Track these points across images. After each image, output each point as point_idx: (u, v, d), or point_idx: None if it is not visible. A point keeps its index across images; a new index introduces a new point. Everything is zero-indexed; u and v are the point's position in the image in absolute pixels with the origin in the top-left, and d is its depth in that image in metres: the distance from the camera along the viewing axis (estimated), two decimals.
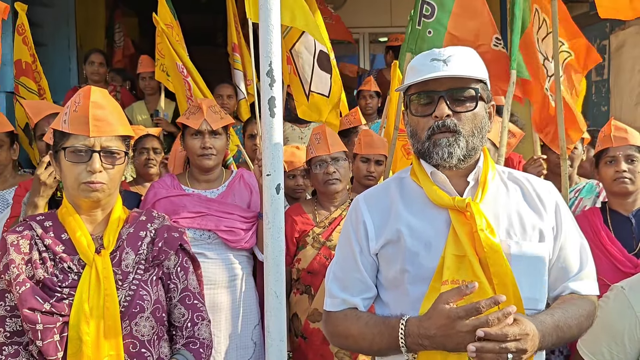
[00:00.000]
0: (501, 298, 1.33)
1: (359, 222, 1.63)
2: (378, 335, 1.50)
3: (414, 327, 1.42)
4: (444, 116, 1.51)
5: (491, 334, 1.30)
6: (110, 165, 1.71)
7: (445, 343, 1.37)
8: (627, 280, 1.95)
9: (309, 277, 2.69)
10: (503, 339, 1.31)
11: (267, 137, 1.89)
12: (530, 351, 1.35)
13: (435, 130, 1.53)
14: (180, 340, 1.81)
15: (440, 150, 1.53)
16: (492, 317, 1.31)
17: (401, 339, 1.44)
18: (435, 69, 1.53)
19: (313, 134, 2.88)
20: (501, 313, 1.32)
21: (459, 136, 1.52)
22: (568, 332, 1.47)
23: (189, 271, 1.86)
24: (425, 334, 1.39)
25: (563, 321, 1.46)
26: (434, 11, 2.85)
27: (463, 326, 1.33)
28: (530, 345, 1.34)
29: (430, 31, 2.86)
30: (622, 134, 2.61)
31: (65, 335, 1.62)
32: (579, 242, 1.60)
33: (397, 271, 1.54)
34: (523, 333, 1.33)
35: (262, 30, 1.87)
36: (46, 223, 1.76)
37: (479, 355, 1.31)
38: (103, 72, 5.10)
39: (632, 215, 2.57)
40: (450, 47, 1.59)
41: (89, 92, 1.72)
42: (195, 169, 2.75)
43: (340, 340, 1.64)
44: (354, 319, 1.58)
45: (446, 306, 1.36)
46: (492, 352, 1.31)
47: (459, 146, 1.52)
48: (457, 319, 1.34)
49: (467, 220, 1.51)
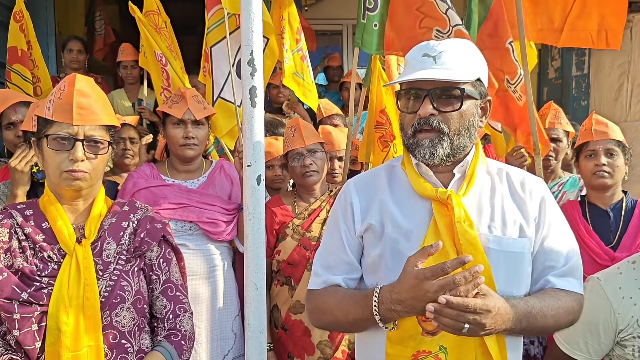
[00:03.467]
0: (467, 258, 1.35)
1: (347, 204, 1.66)
2: (353, 305, 1.53)
3: (386, 293, 1.45)
4: (427, 115, 1.52)
5: (452, 302, 1.32)
6: (93, 155, 1.69)
7: (415, 305, 1.39)
8: (603, 272, 1.99)
9: (289, 268, 2.70)
10: (463, 309, 1.33)
11: (248, 128, 1.88)
12: (489, 327, 1.36)
13: (417, 127, 1.54)
14: (162, 332, 1.80)
15: (422, 150, 1.54)
16: (459, 276, 1.33)
17: (375, 307, 1.46)
18: (424, 65, 1.53)
19: (288, 127, 2.88)
20: (468, 272, 1.33)
21: (443, 135, 1.53)
22: (542, 320, 1.48)
23: (172, 263, 1.85)
24: (396, 298, 1.41)
25: (537, 309, 1.47)
26: (377, 4, 2.84)
27: (430, 286, 1.35)
28: (489, 322, 1.36)
29: (376, 24, 2.85)
30: (602, 128, 2.64)
31: (44, 325, 1.60)
32: (565, 239, 1.61)
33: (376, 256, 1.57)
34: (485, 308, 1.35)
35: (244, 19, 1.85)
36: (27, 212, 1.73)
37: (437, 317, 1.34)
38: (82, 59, 5.02)
39: (610, 209, 2.60)
40: (446, 41, 1.58)
41: (74, 79, 1.70)
42: (175, 159, 2.72)
43: (319, 315, 1.66)
44: (332, 293, 1.61)
45: (414, 268, 1.38)
46: (449, 317, 1.33)
47: (442, 146, 1.53)
48: (424, 280, 1.35)
49: (448, 212, 1.53)
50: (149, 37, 3.46)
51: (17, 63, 3.81)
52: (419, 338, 1.48)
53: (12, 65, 3.82)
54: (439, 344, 1.48)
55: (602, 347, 1.90)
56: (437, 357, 1.48)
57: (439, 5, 2.61)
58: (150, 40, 3.46)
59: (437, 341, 1.48)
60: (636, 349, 1.82)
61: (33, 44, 3.85)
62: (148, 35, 3.46)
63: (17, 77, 3.80)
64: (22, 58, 3.81)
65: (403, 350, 1.50)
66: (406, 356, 1.50)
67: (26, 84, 3.79)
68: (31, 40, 3.84)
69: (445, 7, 2.60)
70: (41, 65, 3.89)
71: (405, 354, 1.50)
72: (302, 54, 4.29)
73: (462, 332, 1.35)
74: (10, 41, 3.83)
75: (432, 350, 1.48)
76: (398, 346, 1.50)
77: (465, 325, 1.34)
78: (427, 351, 1.48)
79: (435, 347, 1.48)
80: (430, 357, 1.48)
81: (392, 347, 1.51)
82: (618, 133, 2.65)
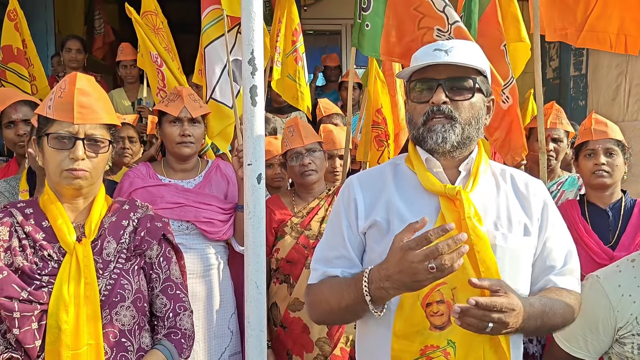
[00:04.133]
0: (450, 226, 1.33)
1: (350, 200, 1.65)
2: (346, 289, 1.51)
3: (375, 272, 1.43)
4: (440, 102, 1.54)
5: (481, 303, 1.32)
6: (93, 154, 1.69)
7: (403, 280, 1.36)
8: (602, 270, 1.99)
9: (288, 266, 2.70)
10: (490, 308, 1.33)
11: (248, 127, 1.88)
12: (511, 326, 1.37)
13: (430, 115, 1.56)
14: (162, 330, 1.81)
15: (435, 135, 1.55)
16: (442, 244, 1.31)
17: (365, 287, 1.44)
18: (436, 57, 1.56)
19: (286, 127, 2.88)
20: (451, 240, 1.31)
21: (455, 122, 1.55)
22: (553, 319, 1.50)
23: (172, 261, 1.85)
24: (384, 274, 1.39)
25: (549, 307, 1.49)
26: (370, 3, 2.82)
27: (414, 256, 1.32)
28: (512, 321, 1.36)
29: (367, 24, 2.82)
30: (602, 127, 2.64)
31: (44, 324, 1.60)
32: (565, 241, 1.63)
33: (382, 252, 1.54)
34: (510, 307, 1.35)
35: (244, 18, 1.85)
36: (27, 210, 1.73)
37: (462, 317, 1.33)
38: (81, 58, 5.03)
39: (609, 208, 2.61)
40: (454, 40, 1.62)
41: (75, 78, 1.70)
42: (171, 158, 2.72)
43: (316, 306, 1.65)
44: (328, 282, 1.61)
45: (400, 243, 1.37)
46: (475, 317, 1.33)
47: (454, 132, 1.55)
48: (409, 250, 1.33)
49: (455, 208, 1.53)
50: (145, 38, 3.46)
51: (13, 61, 3.81)
52: (427, 333, 1.47)
53: (7, 64, 3.83)
54: (447, 339, 1.47)
55: (602, 345, 1.90)
56: (446, 352, 1.46)
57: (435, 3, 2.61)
58: (147, 41, 3.47)
59: (445, 335, 1.47)
60: (635, 347, 1.83)
61: (28, 42, 3.85)
62: (144, 36, 3.47)
63: (12, 76, 3.80)
64: (18, 56, 3.81)
65: (410, 345, 1.48)
66: (413, 351, 1.48)
67: (23, 82, 3.79)
68: (26, 39, 3.85)
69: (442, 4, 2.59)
70: (36, 64, 3.90)
71: (413, 349, 1.48)
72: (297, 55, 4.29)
73: (484, 331, 1.35)
74: (4, 40, 3.83)
75: (441, 344, 1.47)
76: (404, 341, 1.49)
77: (490, 325, 1.33)
78: (435, 346, 1.47)
79: (444, 342, 1.47)
80: (439, 352, 1.47)
81: (398, 342, 1.50)
82: (618, 133, 2.65)
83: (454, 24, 2.59)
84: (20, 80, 3.79)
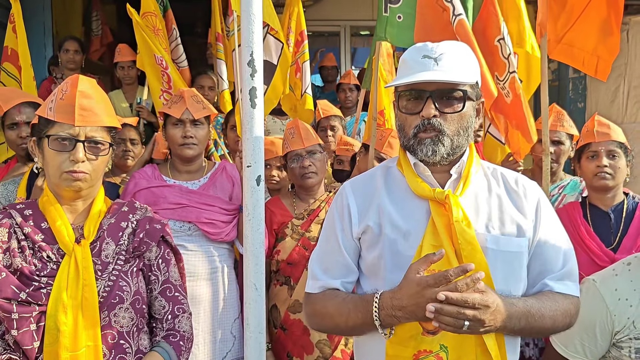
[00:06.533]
0: (469, 266, 1.36)
1: (343, 206, 1.66)
2: (353, 310, 1.53)
3: (387, 299, 1.46)
4: (430, 116, 1.54)
5: (452, 298, 1.34)
6: (93, 156, 1.70)
7: (416, 312, 1.40)
8: (598, 274, 1.99)
9: (289, 268, 2.70)
10: (462, 304, 1.34)
11: (247, 128, 1.88)
12: (488, 324, 1.38)
13: (421, 128, 1.56)
14: (161, 332, 1.81)
15: (425, 148, 1.56)
16: (461, 283, 1.34)
17: (375, 312, 1.46)
18: (425, 67, 1.55)
19: (287, 128, 2.89)
20: (470, 279, 1.35)
21: (443, 135, 1.55)
22: (540, 321, 1.49)
23: (171, 263, 1.85)
24: (397, 304, 1.42)
25: (536, 309, 1.49)
26: None
27: (432, 294, 1.36)
28: (489, 318, 1.37)
29: (400, 16, 2.83)
30: (604, 129, 2.64)
31: (43, 325, 1.60)
32: (561, 242, 1.62)
33: (375, 257, 1.58)
34: (484, 303, 1.36)
35: (244, 20, 1.86)
36: (26, 211, 1.74)
37: (437, 316, 1.35)
38: (79, 59, 5.02)
39: (611, 210, 2.61)
40: (443, 43, 1.60)
41: (77, 80, 1.71)
42: (176, 159, 2.73)
43: (318, 320, 1.66)
44: (332, 297, 1.61)
45: (416, 275, 1.39)
46: (450, 315, 1.34)
47: (443, 145, 1.56)
48: (427, 287, 1.37)
49: (445, 212, 1.54)
50: (147, 40, 3.46)
51: (6, 62, 3.82)
52: (420, 338, 1.49)
53: (3, 64, 3.84)
54: (440, 343, 1.48)
55: (599, 349, 1.90)
56: (438, 357, 1.48)
57: None
58: (149, 44, 3.46)
59: (437, 340, 1.48)
60: (632, 350, 1.83)
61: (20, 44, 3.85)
62: (146, 39, 3.46)
63: (5, 76, 3.80)
64: (12, 57, 3.81)
65: (403, 350, 1.50)
66: (407, 356, 1.50)
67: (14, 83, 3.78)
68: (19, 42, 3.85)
69: None
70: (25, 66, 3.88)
71: (406, 354, 1.50)
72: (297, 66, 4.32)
73: (462, 330, 1.36)
74: (5, 41, 3.86)
75: (433, 349, 1.48)
76: (398, 346, 1.51)
77: (466, 323, 1.35)
78: (428, 350, 1.48)
79: (436, 346, 1.48)
80: (432, 357, 1.48)
81: (392, 347, 1.51)
82: (620, 134, 2.65)
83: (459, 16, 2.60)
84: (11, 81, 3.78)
